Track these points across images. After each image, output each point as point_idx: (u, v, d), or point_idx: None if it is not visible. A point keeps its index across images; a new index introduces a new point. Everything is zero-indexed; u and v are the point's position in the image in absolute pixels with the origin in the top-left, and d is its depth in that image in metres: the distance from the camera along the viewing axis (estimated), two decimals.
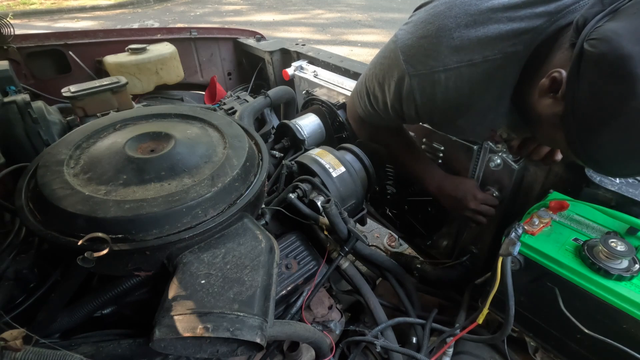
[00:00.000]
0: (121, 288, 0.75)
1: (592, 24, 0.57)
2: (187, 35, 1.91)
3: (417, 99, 0.82)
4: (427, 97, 0.81)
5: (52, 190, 0.67)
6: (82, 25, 7.63)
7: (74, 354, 0.52)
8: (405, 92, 0.83)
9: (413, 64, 0.79)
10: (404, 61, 0.80)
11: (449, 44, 0.74)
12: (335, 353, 0.94)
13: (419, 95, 0.81)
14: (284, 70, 1.69)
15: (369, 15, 7.60)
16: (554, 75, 0.62)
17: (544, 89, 0.65)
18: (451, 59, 0.74)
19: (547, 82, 0.64)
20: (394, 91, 0.85)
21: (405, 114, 0.88)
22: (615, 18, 0.55)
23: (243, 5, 8.92)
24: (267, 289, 0.65)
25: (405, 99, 0.84)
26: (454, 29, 0.74)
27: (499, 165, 1.04)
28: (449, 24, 0.74)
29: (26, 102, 0.98)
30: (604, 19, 0.56)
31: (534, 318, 0.84)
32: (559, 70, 0.62)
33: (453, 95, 0.78)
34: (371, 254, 1.07)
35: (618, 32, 0.53)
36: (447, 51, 0.74)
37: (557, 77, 0.62)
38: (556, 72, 0.62)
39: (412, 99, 0.83)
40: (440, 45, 0.75)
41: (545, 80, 0.64)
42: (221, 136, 0.85)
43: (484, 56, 0.73)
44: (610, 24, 0.55)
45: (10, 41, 1.52)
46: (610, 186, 0.84)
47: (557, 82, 0.62)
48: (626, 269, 0.68)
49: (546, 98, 0.65)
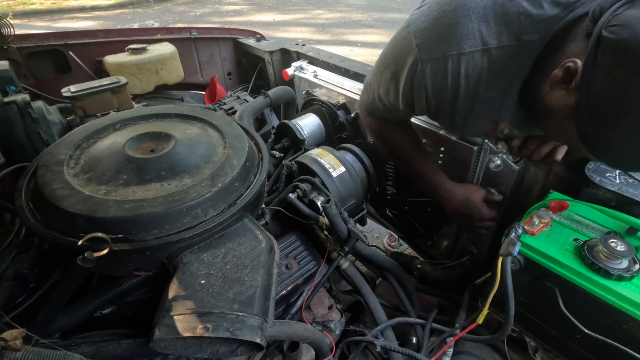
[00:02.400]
0: (121, 288, 0.75)
1: (609, 12, 0.56)
2: (187, 35, 1.91)
3: (428, 87, 0.80)
4: (439, 85, 0.78)
5: (52, 190, 0.67)
6: (82, 25, 7.63)
7: (74, 354, 0.52)
8: (417, 80, 0.80)
9: (427, 48, 0.76)
10: (417, 46, 0.77)
11: (465, 26, 0.71)
12: (335, 353, 0.94)
13: (430, 83, 0.79)
14: (284, 71, 1.69)
15: (369, 15, 7.60)
16: (568, 65, 0.61)
17: (556, 80, 0.64)
18: (466, 42, 0.72)
19: (560, 73, 0.63)
20: (406, 80, 0.83)
21: (416, 104, 0.85)
22: (635, 5, 0.55)
23: (243, 5, 8.92)
24: (267, 289, 0.65)
25: (417, 88, 0.81)
26: (473, 10, 0.71)
27: (499, 166, 1.04)
28: (467, 3, 0.71)
29: (26, 102, 0.98)
30: (623, 7, 0.56)
31: (534, 318, 0.84)
32: (573, 60, 0.61)
33: (463, 83, 0.76)
34: (371, 254, 1.07)
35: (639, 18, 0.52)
36: (463, 34, 0.72)
37: (572, 67, 0.61)
38: (571, 62, 0.61)
39: (423, 87, 0.80)
40: (457, 27, 0.72)
41: (558, 71, 0.63)
42: (221, 136, 0.85)
43: (500, 42, 0.71)
44: (630, 11, 0.54)
45: (10, 41, 1.52)
46: (610, 186, 0.84)
47: (571, 72, 0.61)
48: (626, 269, 0.68)
49: (558, 89, 0.65)
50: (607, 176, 0.87)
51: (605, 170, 0.88)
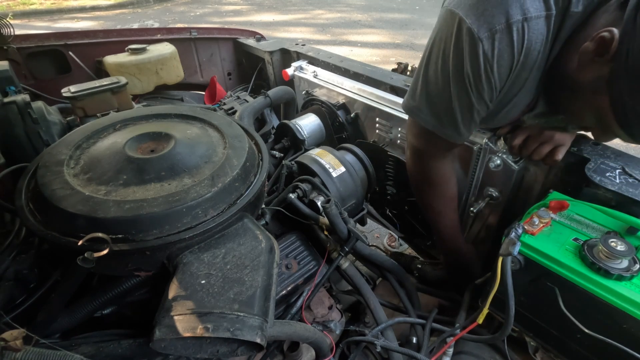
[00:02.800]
0: (121, 288, 0.75)
1: None
2: (187, 36, 1.91)
3: (494, 67, 0.70)
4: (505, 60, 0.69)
5: (53, 191, 0.67)
6: (82, 25, 7.63)
7: (74, 354, 0.52)
8: (482, 63, 0.70)
9: (485, 22, 0.67)
10: (473, 24, 0.67)
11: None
12: (335, 353, 0.94)
13: (496, 62, 0.70)
14: (284, 71, 1.69)
15: (369, 15, 7.60)
16: (602, 35, 0.60)
17: (588, 52, 0.63)
18: (532, 4, 0.65)
19: (591, 46, 0.62)
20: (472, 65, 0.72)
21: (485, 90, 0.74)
22: None
23: (243, 5, 8.92)
24: (267, 289, 0.65)
25: (484, 72, 0.71)
26: None
27: (499, 166, 1.04)
28: None
29: (26, 102, 0.98)
30: None
31: (534, 318, 0.84)
32: (609, 29, 0.59)
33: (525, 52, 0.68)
34: (371, 254, 1.07)
35: None
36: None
37: (607, 36, 0.59)
38: (605, 32, 0.59)
39: (489, 69, 0.70)
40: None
41: (589, 43, 0.62)
42: (221, 136, 0.85)
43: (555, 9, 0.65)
44: None
45: (10, 41, 1.52)
46: (610, 186, 0.84)
47: (606, 43, 0.60)
48: (626, 269, 0.68)
49: (590, 62, 0.63)
50: (607, 176, 0.87)
51: (605, 170, 0.88)
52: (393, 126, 1.33)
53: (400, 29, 6.69)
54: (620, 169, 0.88)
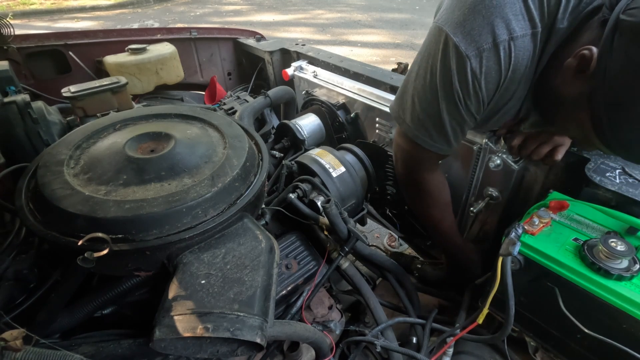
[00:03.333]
0: (121, 288, 0.75)
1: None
2: (187, 35, 1.91)
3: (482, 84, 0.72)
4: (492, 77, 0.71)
5: (53, 191, 0.67)
6: (82, 25, 7.63)
7: (74, 354, 0.52)
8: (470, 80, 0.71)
9: (472, 41, 0.68)
10: (460, 42, 0.69)
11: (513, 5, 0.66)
12: (335, 353, 0.94)
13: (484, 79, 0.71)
14: (284, 71, 1.69)
15: (369, 15, 7.60)
16: (583, 53, 0.61)
17: (570, 68, 0.64)
18: (517, 24, 0.66)
19: (574, 62, 0.63)
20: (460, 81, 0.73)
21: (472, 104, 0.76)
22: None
23: (243, 5, 8.92)
24: (267, 289, 0.65)
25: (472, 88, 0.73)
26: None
27: (499, 166, 1.04)
28: None
29: (26, 102, 0.98)
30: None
31: (534, 318, 0.84)
32: (588, 47, 0.61)
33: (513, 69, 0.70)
34: (371, 254, 1.07)
35: None
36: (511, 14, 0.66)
37: (587, 54, 0.61)
38: (586, 50, 0.61)
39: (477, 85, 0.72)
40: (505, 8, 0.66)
41: (572, 59, 0.64)
42: (221, 136, 0.85)
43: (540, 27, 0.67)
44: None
45: (10, 41, 1.52)
46: (610, 186, 0.84)
47: (586, 60, 0.61)
48: (626, 269, 0.68)
49: (572, 78, 0.65)
50: (607, 176, 0.87)
51: (605, 170, 0.88)
52: (393, 126, 1.33)
53: (400, 29, 6.69)
54: (620, 169, 0.88)
